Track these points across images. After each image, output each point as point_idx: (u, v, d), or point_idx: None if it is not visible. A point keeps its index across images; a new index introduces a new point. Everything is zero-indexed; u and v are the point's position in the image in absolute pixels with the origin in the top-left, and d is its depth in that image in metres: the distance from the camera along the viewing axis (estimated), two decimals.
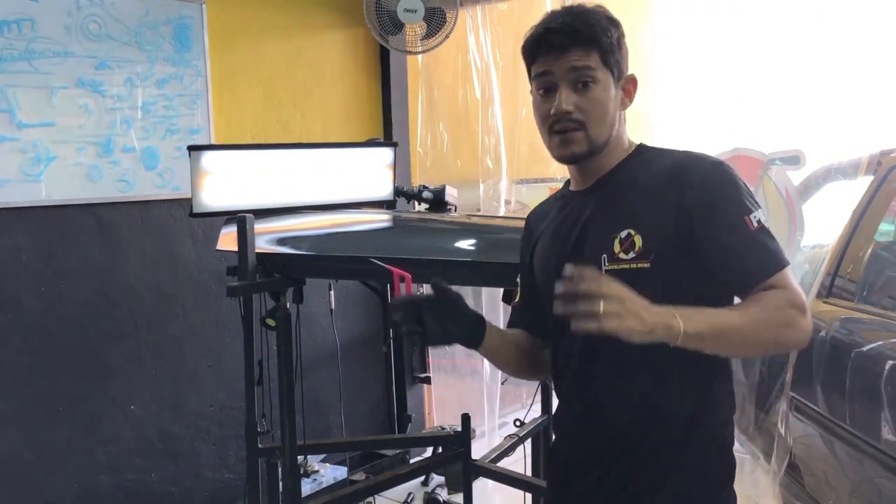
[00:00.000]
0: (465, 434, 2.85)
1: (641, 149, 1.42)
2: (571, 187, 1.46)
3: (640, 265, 1.28)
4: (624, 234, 1.30)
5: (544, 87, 1.35)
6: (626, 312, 1.12)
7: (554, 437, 1.56)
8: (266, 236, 2.43)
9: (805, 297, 1.27)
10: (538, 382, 2.96)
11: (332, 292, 3.49)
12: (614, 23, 1.36)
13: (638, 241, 1.29)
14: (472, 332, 1.40)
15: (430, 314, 1.33)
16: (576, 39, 1.31)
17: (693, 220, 1.27)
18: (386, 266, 1.37)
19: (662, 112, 3.48)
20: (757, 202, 1.31)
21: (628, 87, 1.38)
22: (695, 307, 1.20)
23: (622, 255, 1.30)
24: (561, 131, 1.33)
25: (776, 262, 1.27)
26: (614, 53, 1.34)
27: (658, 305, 1.16)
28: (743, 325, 1.21)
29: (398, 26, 3.42)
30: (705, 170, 1.31)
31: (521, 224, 1.61)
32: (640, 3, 3.73)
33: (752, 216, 1.27)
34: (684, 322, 1.15)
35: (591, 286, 1.12)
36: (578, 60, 1.31)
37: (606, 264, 1.31)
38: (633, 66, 1.41)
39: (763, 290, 1.25)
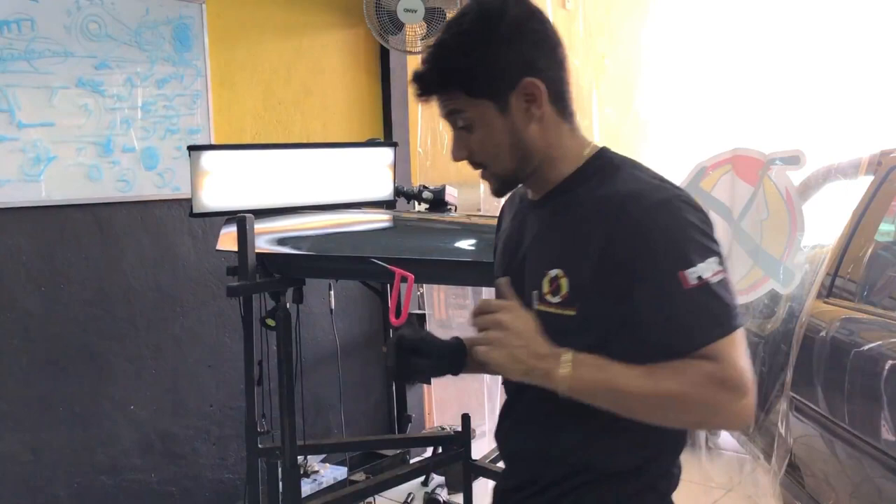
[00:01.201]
0: (465, 434, 2.85)
1: (599, 159, 1.21)
2: (528, 194, 1.29)
3: (565, 311, 1.14)
4: (553, 273, 1.15)
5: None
6: (501, 345, 1.06)
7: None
8: (266, 236, 2.43)
9: (750, 372, 1.03)
10: None
11: (332, 292, 3.49)
12: (476, 35, 1.14)
13: (564, 284, 1.14)
14: (449, 363, 1.32)
15: (397, 352, 1.28)
16: (430, 88, 1.17)
17: (625, 270, 1.08)
18: (388, 267, 1.36)
19: (662, 112, 3.48)
20: (712, 248, 1.07)
21: (529, 93, 1.14)
22: (601, 359, 1.07)
23: (549, 297, 1.15)
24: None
25: (709, 330, 1.04)
26: (483, 76, 1.13)
27: (554, 348, 1.07)
28: (649, 395, 1.04)
29: (398, 26, 3.42)
30: (641, 211, 1.08)
31: None
32: (640, 3, 3.73)
33: (689, 271, 1.04)
34: (574, 373, 1.05)
35: (481, 309, 1.10)
36: (445, 105, 1.17)
37: (536, 304, 1.17)
38: (634, 67, 1.38)
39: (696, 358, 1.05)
